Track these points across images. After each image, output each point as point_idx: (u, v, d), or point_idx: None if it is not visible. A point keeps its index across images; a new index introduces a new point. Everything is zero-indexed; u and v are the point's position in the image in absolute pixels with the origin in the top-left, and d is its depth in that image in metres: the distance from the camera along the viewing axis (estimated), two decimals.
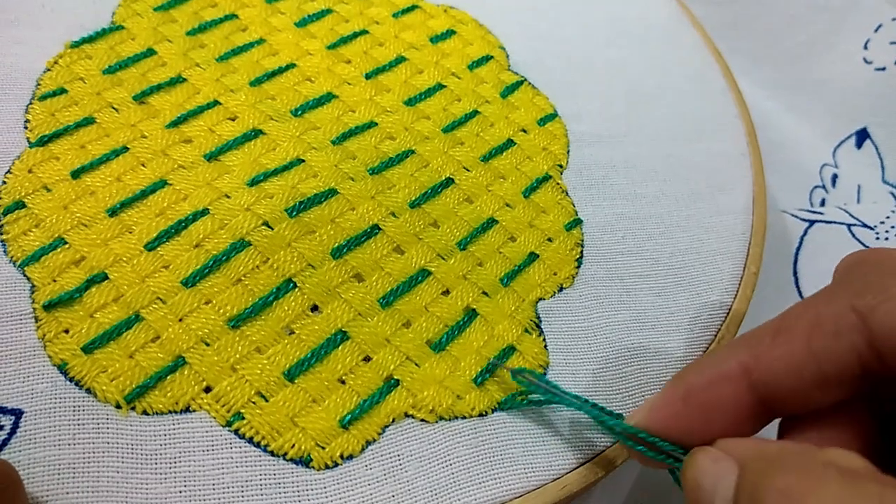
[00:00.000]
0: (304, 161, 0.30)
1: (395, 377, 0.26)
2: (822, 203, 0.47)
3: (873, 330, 0.19)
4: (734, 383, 0.21)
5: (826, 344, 0.20)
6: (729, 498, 0.19)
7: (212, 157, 0.29)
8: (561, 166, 0.33)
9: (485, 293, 0.28)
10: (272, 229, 0.27)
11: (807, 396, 0.21)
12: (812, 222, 0.42)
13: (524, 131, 0.34)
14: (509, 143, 0.33)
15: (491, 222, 0.30)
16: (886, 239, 0.42)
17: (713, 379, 0.21)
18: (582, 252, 0.31)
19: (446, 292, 0.28)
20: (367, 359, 0.26)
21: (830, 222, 0.42)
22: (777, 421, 0.22)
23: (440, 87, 0.34)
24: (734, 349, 0.21)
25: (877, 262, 0.22)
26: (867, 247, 0.42)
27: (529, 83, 0.36)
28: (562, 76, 0.36)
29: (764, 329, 0.21)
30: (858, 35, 0.49)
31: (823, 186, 0.48)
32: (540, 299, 0.29)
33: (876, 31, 0.48)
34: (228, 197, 0.28)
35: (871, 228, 0.42)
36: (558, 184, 0.32)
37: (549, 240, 0.30)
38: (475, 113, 0.33)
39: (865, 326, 0.20)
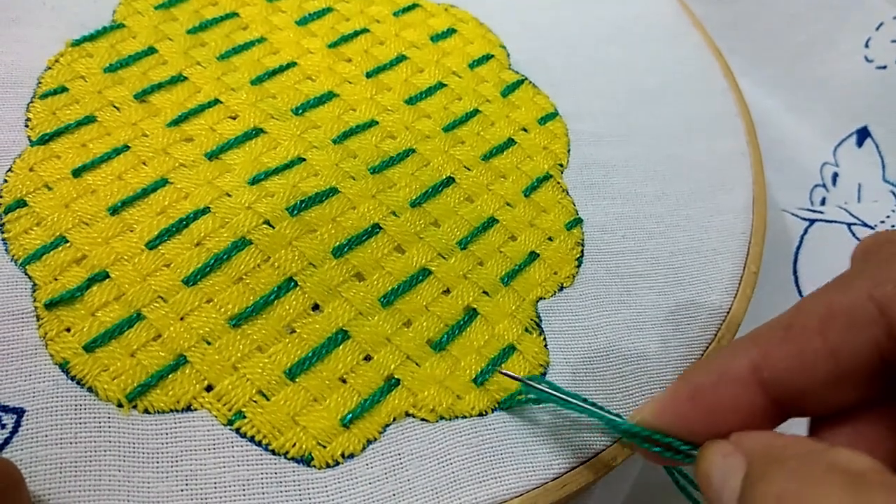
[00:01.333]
0: (304, 160, 0.30)
1: (396, 376, 0.26)
2: (823, 202, 0.47)
3: (894, 320, 0.18)
4: (743, 383, 0.20)
5: (842, 338, 0.19)
6: (735, 498, 0.18)
7: (213, 155, 0.29)
8: (561, 165, 0.33)
9: (485, 292, 0.28)
10: (273, 228, 0.27)
11: (823, 395, 0.19)
12: (812, 221, 0.42)
13: (525, 130, 0.34)
14: (510, 142, 0.33)
15: (491, 221, 0.30)
16: None
17: (721, 378, 0.20)
18: (582, 251, 0.31)
19: (447, 291, 0.28)
20: (367, 358, 0.26)
21: (830, 221, 0.43)
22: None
23: (441, 85, 0.34)
24: (743, 346, 0.20)
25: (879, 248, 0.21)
26: None
27: (530, 82, 0.36)
28: (562, 75, 0.36)
29: (774, 324, 0.20)
30: (859, 33, 0.49)
31: (824, 185, 0.48)
32: (540, 298, 0.29)
33: (877, 29, 0.48)
34: (229, 195, 0.28)
35: (872, 227, 0.42)
36: (559, 183, 0.32)
37: (550, 239, 0.31)
38: (476, 112, 0.33)
39: (885, 317, 0.18)
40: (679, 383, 0.21)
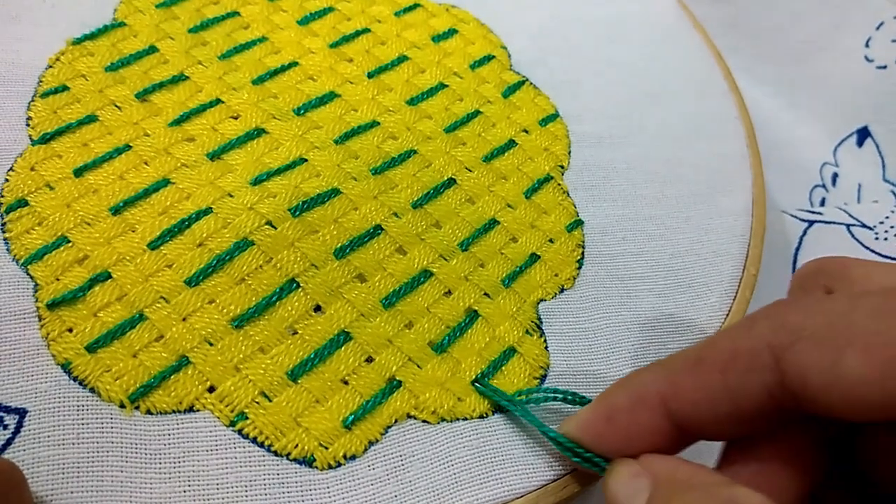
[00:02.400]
0: (306, 160, 0.30)
1: (398, 378, 0.26)
2: (823, 202, 0.47)
3: (784, 371, 0.19)
4: (653, 410, 0.21)
5: (740, 380, 0.20)
6: None
7: (214, 155, 0.29)
8: (562, 167, 0.33)
9: (486, 294, 0.28)
10: (275, 228, 0.27)
11: (725, 427, 0.20)
12: (811, 223, 0.43)
13: (526, 132, 0.34)
14: (511, 143, 0.33)
15: (493, 223, 0.30)
16: (885, 239, 0.42)
17: (635, 403, 0.21)
18: (583, 253, 0.31)
19: (448, 293, 0.28)
20: (369, 359, 0.26)
21: (830, 222, 0.43)
22: None
23: (442, 86, 0.34)
24: (656, 373, 0.22)
25: (832, 273, 0.22)
26: (866, 247, 0.42)
27: (531, 83, 0.36)
28: (564, 76, 0.36)
29: (686, 356, 0.21)
30: (860, 33, 0.48)
31: (824, 185, 0.48)
32: (541, 300, 0.29)
33: (877, 28, 0.48)
34: (231, 196, 0.28)
35: (871, 228, 0.43)
36: (559, 185, 0.32)
37: (551, 241, 0.31)
38: (477, 113, 0.33)
39: (778, 367, 0.19)
40: (598, 402, 0.23)
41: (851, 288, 0.22)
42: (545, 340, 0.28)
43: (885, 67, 0.47)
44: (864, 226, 0.43)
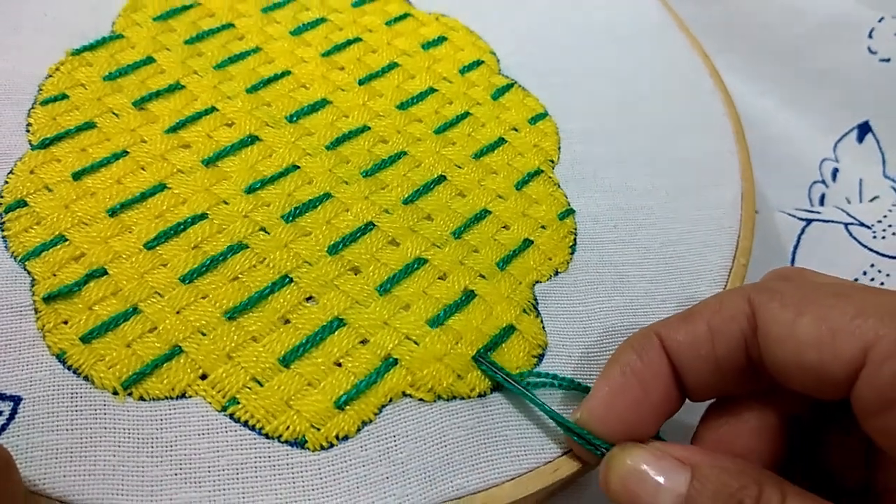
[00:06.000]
0: (299, 167, 0.30)
1: (394, 356, 0.25)
2: (822, 198, 0.47)
3: (758, 324, 0.22)
4: (656, 351, 0.23)
5: (720, 325, 0.22)
6: (681, 494, 0.20)
7: (209, 162, 0.30)
8: (552, 161, 0.33)
9: (482, 276, 0.28)
10: (268, 234, 0.28)
11: (704, 375, 0.23)
12: (809, 221, 0.42)
13: (515, 130, 0.34)
14: (500, 141, 0.33)
15: (484, 213, 0.30)
16: (884, 238, 0.42)
17: (640, 352, 0.23)
18: (575, 240, 0.31)
19: (443, 277, 0.28)
20: (364, 342, 0.26)
21: (828, 221, 0.42)
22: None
23: (432, 90, 0.35)
24: (654, 325, 0.24)
25: (794, 277, 0.26)
26: (864, 245, 0.41)
27: (520, 85, 0.36)
28: (552, 79, 0.37)
29: (682, 312, 0.24)
30: (863, 24, 0.48)
31: (823, 181, 0.47)
32: (537, 282, 0.29)
33: (880, 21, 0.47)
34: (226, 203, 0.28)
35: (869, 227, 0.42)
36: (550, 177, 0.33)
37: (543, 227, 0.31)
38: (466, 114, 0.34)
39: (753, 315, 0.22)
40: (608, 364, 0.24)
41: None
42: (542, 321, 0.28)
43: (888, 60, 0.47)
44: (862, 224, 0.42)
